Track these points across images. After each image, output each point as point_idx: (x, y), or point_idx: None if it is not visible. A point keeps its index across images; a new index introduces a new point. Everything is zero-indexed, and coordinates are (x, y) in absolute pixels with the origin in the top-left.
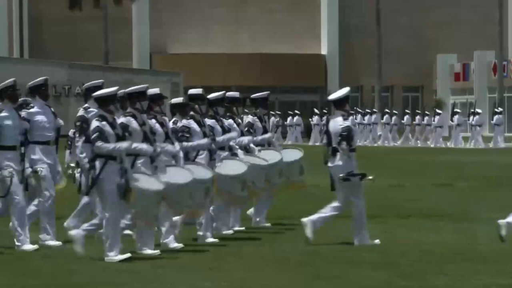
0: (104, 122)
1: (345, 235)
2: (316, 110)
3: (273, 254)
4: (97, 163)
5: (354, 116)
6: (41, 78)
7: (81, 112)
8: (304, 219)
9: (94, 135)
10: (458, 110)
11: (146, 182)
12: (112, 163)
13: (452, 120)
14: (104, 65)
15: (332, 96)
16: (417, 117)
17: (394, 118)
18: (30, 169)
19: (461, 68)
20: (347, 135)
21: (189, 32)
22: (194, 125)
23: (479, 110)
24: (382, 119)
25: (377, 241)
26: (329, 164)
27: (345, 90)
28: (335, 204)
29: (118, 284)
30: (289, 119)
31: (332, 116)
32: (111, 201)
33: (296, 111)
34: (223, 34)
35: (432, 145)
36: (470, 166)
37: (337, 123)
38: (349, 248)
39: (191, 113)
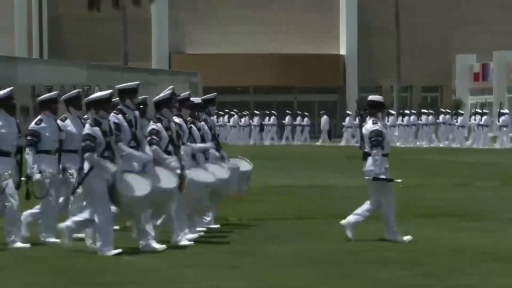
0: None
1: (373, 234)
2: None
3: (298, 253)
4: None
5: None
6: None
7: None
8: (343, 221)
9: None
10: (480, 111)
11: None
12: None
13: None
14: (122, 66)
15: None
16: (441, 116)
17: (412, 118)
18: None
19: (480, 68)
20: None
21: (208, 32)
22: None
23: (506, 111)
24: (403, 120)
25: (408, 237)
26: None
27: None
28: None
29: (140, 283)
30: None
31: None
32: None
33: (273, 112)
34: (241, 34)
35: (457, 145)
36: (490, 166)
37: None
38: (377, 247)
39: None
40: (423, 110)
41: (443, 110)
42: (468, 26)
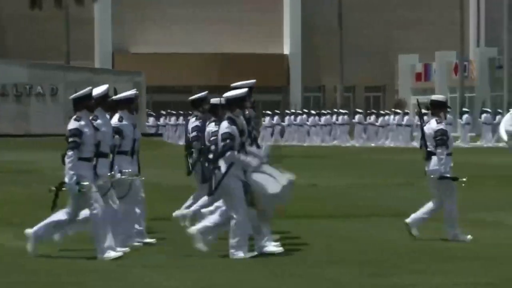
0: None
1: (326, 233)
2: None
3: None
4: None
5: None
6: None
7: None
8: (408, 220)
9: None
10: (399, 111)
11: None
12: None
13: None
14: (65, 65)
15: None
16: (356, 116)
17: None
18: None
19: (423, 68)
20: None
21: (151, 31)
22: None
23: (425, 111)
24: (320, 120)
25: (469, 236)
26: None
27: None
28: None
29: (83, 284)
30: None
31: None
32: None
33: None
34: (185, 33)
35: (392, 144)
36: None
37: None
38: (325, 247)
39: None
40: (340, 110)
41: (358, 110)
42: (410, 26)
